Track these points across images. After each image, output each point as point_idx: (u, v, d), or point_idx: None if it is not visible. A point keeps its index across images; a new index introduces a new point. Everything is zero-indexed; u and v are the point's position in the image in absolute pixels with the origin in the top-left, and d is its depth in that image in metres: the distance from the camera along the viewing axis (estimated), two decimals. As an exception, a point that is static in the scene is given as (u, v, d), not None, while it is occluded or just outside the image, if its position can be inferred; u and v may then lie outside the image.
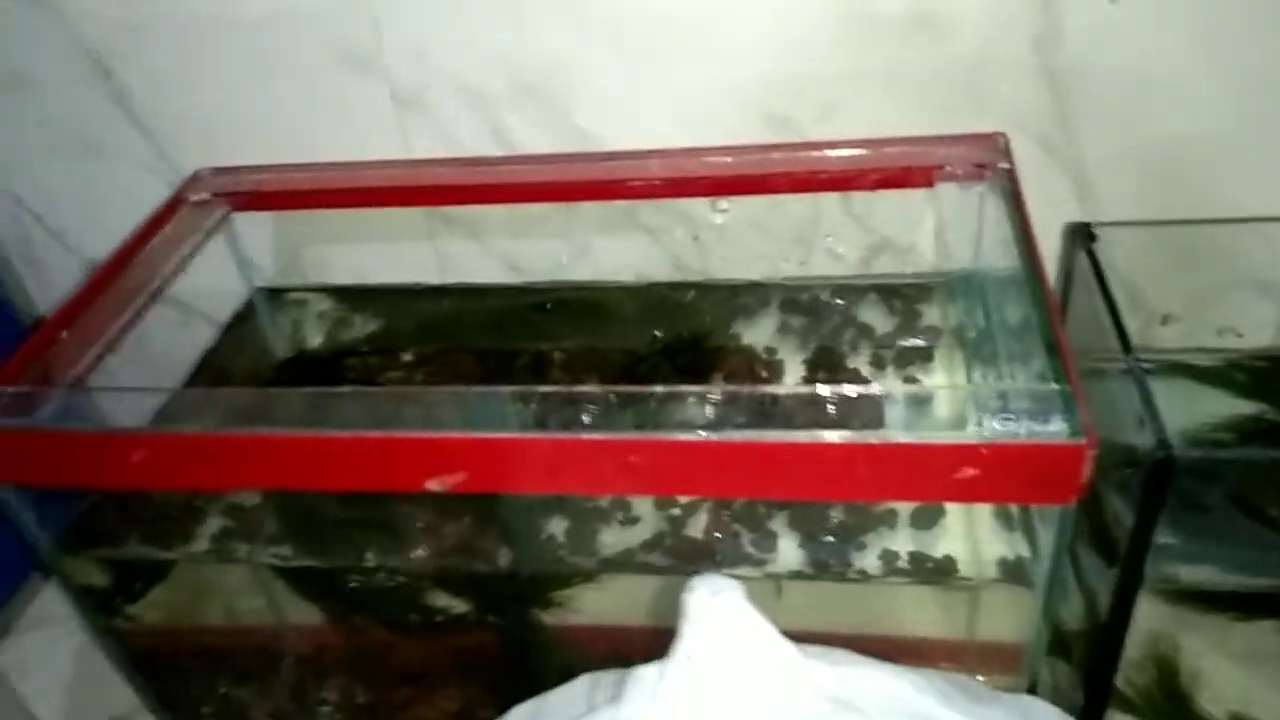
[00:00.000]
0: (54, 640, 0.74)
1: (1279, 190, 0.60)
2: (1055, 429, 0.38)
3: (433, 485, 0.42)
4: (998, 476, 0.39)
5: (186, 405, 0.52)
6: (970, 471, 0.39)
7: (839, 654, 0.32)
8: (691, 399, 0.42)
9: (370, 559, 0.57)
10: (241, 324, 0.69)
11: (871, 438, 0.39)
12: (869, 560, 0.55)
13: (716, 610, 0.29)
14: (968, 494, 0.40)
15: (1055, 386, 0.40)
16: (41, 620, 0.76)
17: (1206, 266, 0.59)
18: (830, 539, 0.57)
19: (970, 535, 0.57)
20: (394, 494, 0.55)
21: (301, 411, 0.46)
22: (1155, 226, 0.56)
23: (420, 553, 0.56)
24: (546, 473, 0.42)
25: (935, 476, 0.39)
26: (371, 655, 0.64)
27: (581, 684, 0.40)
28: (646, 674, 0.31)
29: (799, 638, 0.40)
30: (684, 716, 0.30)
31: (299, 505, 0.58)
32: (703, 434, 0.40)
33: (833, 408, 0.41)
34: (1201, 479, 0.44)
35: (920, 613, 0.59)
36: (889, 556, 0.55)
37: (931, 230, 0.63)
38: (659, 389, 0.42)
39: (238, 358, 0.67)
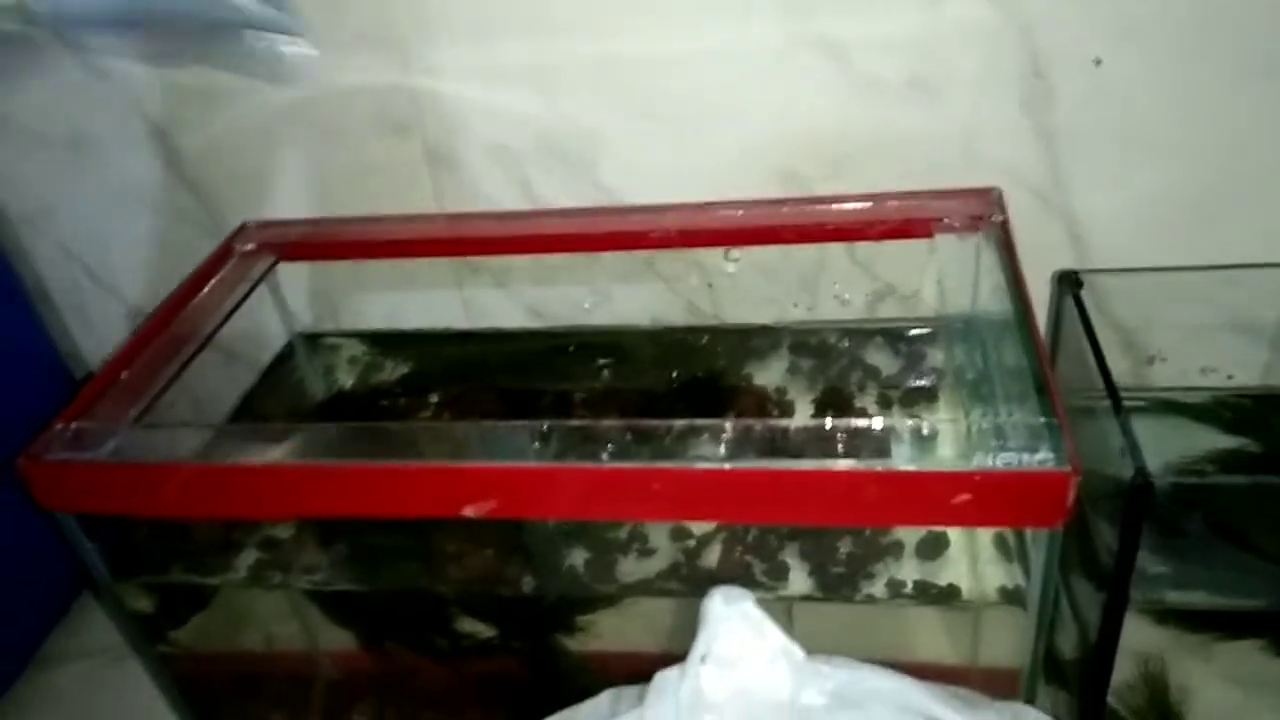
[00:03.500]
0: (96, 668, 0.77)
1: (1259, 238, 0.64)
2: (1042, 458, 0.42)
3: (468, 511, 0.46)
4: (990, 502, 0.42)
5: (236, 439, 0.55)
6: (965, 497, 0.42)
7: (843, 660, 0.35)
8: (708, 433, 0.46)
9: (400, 585, 0.60)
10: (281, 367, 0.73)
11: (874, 466, 0.43)
12: (877, 589, 0.58)
13: (731, 616, 0.33)
14: (963, 518, 0.43)
15: (1042, 420, 0.43)
16: (84, 650, 0.79)
17: (1193, 310, 0.62)
18: (839, 569, 0.60)
19: (973, 564, 0.60)
20: (424, 524, 0.58)
21: (343, 444, 0.49)
22: (1144, 274, 0.59)
23: (449, 579, 0.60)
24: (572, 500, 0.45)
25: (933, 502, 0.43)
26: (400, 679, 0.67)
27: (606, 697, 0.43)
28: (669, 675, 0.34)
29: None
30: (702, 712, 0.33)
31: (333, 534, 0.61)
32: (719, 463, 0.43)
33: (838, 441, 0.45)
34: (1182, 506, 0.47)
35: (925, 639, 0.62)
36: (895, 585, 0.58)
37: (932, 277, 0.67)
38: (678, 423, 0.46)
39: (277, 399, 0.71)
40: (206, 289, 0.64)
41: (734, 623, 0.33)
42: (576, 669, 0.61)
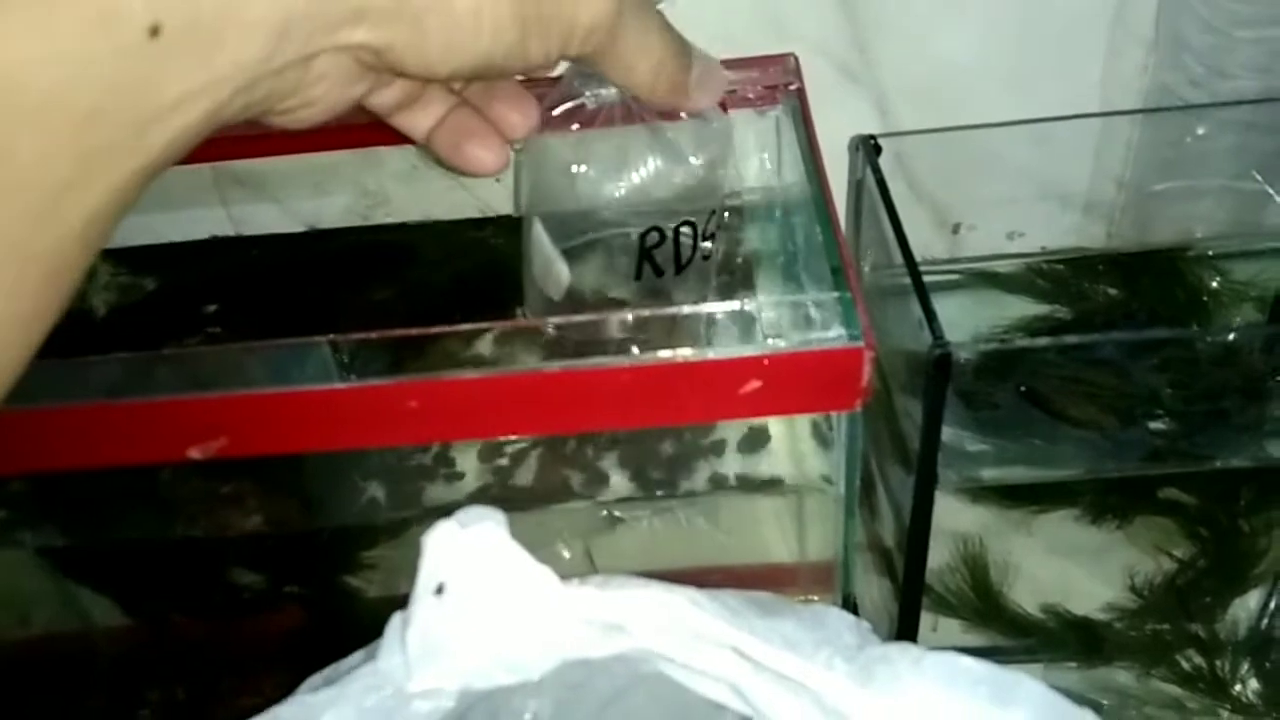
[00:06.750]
0: None
1: (1067, 101, 0.62)
2: (834, 335, 0.38)
3: (194, 453, 0.39)
4: (783, 387, 0.38)
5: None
6: (755, 384, 0.38)
7: (615, 580, 0.30)
8: (472, 336, 0.41)
9: (164, 538, 0.53)
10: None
11: (653, 359, 0.38)
12: (698, 487, 0.55)
13: (466, 543, 0.27)
14: (756, 408, 0.39)
15: (834, 294, 0.39)
16: None
17: (1000, 173, 0.60)
18: (660, 474, 0.56)
19: (793, 457, 0.57)
20: (182, 465, 0.51)
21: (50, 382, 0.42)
22: (948, 135, 0.56)
23: (221, 527, 0.53)
24: (316, 429, 0.39)
25: (722, 393, 0.38)
26: (186, 648, 0.60)
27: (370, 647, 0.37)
28: (395, 621, 0.29)
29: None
30: (438, 658, 0.28)
31: (77, 486, 0.53)
32: (477, 371, 0.38)
33: (619, 335, 0.40)
34: (989, 377, 0.45)
35: (751, 540, 0.60)
36: (718, 480, 0.55)
37: (734, 153, 0.62)
38: (436, 329, 0.40)
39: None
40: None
41: (470, 549, 0.27)
42: (376, 611, 0.56)
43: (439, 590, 0.27)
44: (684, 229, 0.47)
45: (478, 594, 0.27)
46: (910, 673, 0.28)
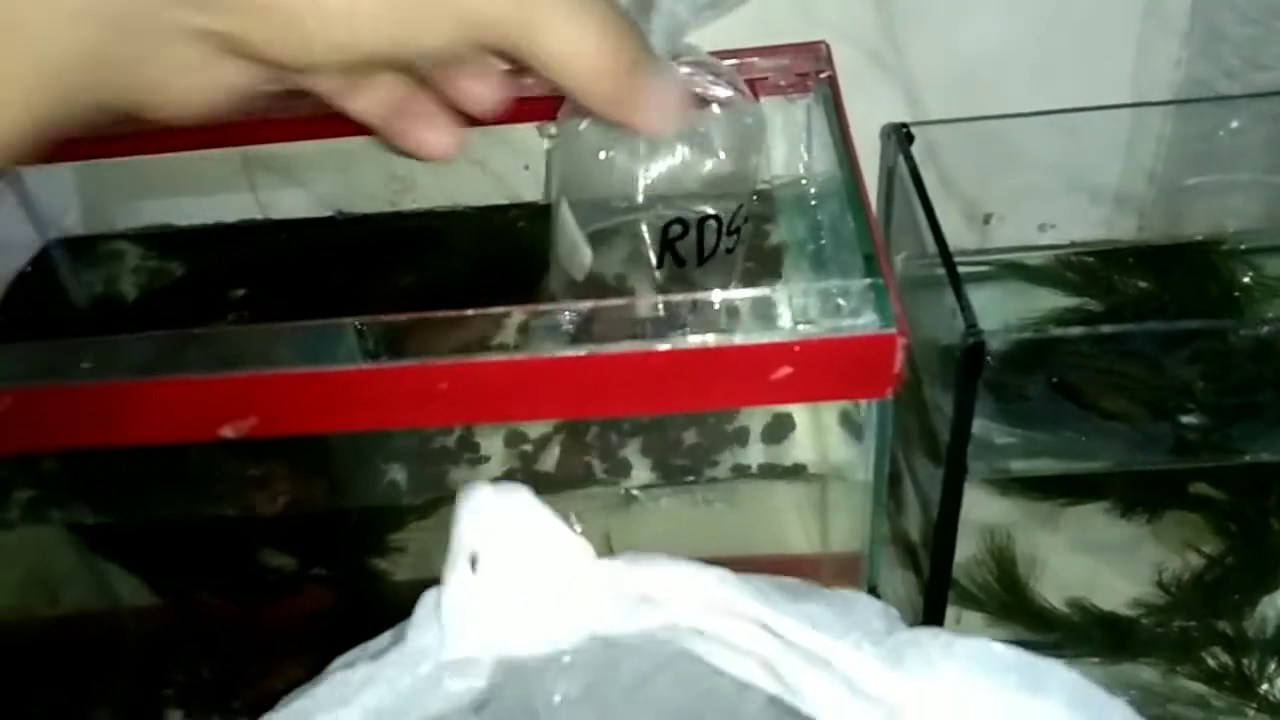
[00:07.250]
0: None
1: (1094, 90, 0.61)
2: (866, 321, 0.38)
3: (226, 432, 0.39)
4: (814, 374, 0.38)
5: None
6: (786, 371, 0.38)
7: (646, 556, 0.30)
8: (501, 320, 0.41)
9: (193, 517, 0.54)
10: (35, 277, 0.63)
11: (684, 344, 0.38)
12: (721, 475, 0.55)
13: (499, 510, 0.27)
14: (787, 395, 0.39)
15: (866, 281, 0.39)
16: None
17: (1031, 163, 0.59)
18: (683, 462, 0.56)
19: (818, 446, 0.57)
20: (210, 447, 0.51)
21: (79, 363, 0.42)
22: (979, 125, 0.56)
23: (249, 508, 0.53)
24: (346, 409, 0.39)
25: (752, 379, 0.38)
26: (213, 628, 0.60)
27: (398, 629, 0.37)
28: (427, 598, 0.29)
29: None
30: (472, 634, 0.28)
31: (107, 465, 0.54)
32: (507, 355, 0.38)
33: (646, 319, 0.40)
34: (1019, 368, 0.44)
35: (774, 532, 0.60)
36: (741, 468, 0.55)
37: (768, 144, 0.62)
38: (465, 312, 0.40)
39: (29, 312, 0.61)
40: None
41: (508, 519, 0.27)
42: (400, 593, 0.56)
43: (473, 560, 0.27)
44: (709, 222, 0.47)
45: (511, 563, 0.27)
46: (941, 657, 0.28)
